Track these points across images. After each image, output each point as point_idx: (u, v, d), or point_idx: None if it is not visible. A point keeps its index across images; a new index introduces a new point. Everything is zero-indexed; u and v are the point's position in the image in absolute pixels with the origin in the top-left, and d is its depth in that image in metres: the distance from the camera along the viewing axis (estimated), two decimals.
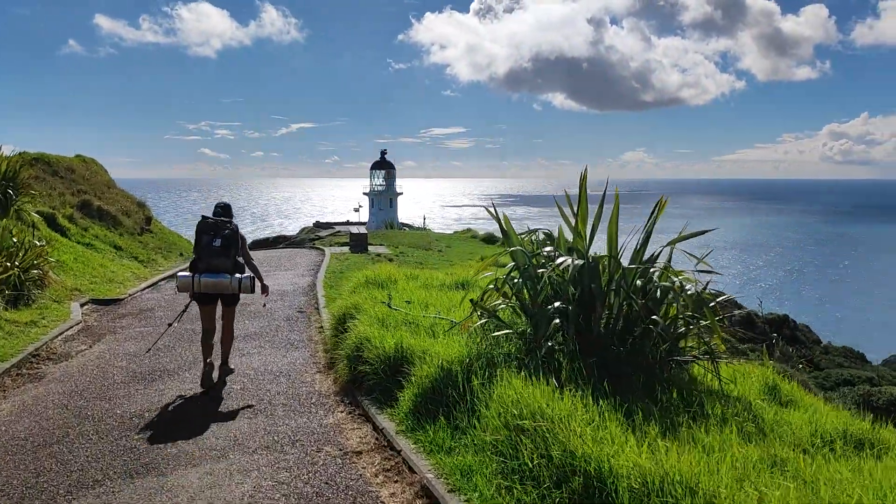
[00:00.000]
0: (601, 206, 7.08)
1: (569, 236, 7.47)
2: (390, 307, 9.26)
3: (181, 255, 22.73)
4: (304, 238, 34.83)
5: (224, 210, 8.59)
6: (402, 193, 67.91)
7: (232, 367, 8.96)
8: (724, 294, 7.32)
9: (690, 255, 7.21)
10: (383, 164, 67.16)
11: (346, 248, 25.71)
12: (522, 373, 6.08)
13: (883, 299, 74.71)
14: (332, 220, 69.36)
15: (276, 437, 6.61)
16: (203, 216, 8.51)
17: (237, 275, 8.33)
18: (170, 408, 7.58)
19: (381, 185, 66.70)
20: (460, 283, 12.15)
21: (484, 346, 6.87)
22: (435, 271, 15.20)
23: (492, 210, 7.86)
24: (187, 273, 8.38)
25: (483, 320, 7.19)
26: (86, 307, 13.32)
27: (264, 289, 9.11)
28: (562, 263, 6.61)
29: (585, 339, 6.51)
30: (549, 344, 6.41)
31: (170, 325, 10.02)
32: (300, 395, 7.95)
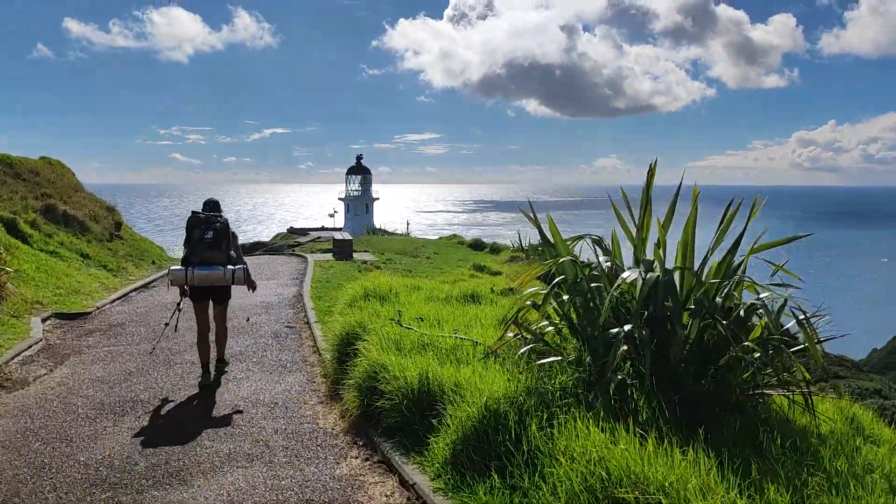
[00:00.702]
0: (672, 208, 5.89)
1: (623, 243, 6.29)
2: (401, 325, 8.00)
3: (153, 262, 21.25)
4: (282, 244, 33.37)
5: (213, 206, 8.74)
6: (378, 199, 66.73)
7: (227, 360, 9.16)
8: (809, 313, 6.13)
9: (769, 262, 6.03)
10: (359, 169, 65.96)
11: (329, 255, 24.35)
12: (589, 414, 4.88)
13: (853, 303, 74.82)
14: (307, 226, 67.89)
15: (280, 496, 5.31)
16: (193, 212, 8.56)
17: (230, 266, 8.38)
18: (145, 452, 6.25)
19: (356, 190, 65.48)
20: (469, 296, 10.91)
21: (532, 379, 5.63)
22: (440, 283, 13.96)
23: (530, 214, 6.64)
24: (180, 267, 8.36)
25: (528, 346, 5.94)
26: (48, 322, 11.93)
27: (251, 284, 8.82)
28: (628, 277, 5.41)
29: (659, 370, 5.32)
30: (619, 377, 5.19)
31: (166, 325, 9.88)
32: (302, 435, 6.67)
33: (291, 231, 57.88)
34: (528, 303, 6.50)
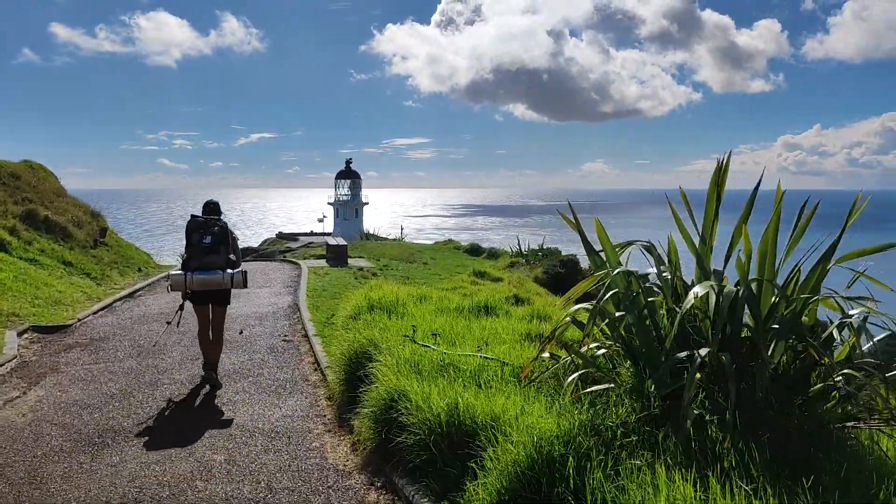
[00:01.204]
0: (748, 210, 5.05)
1: (679, 250, 5.45)
2: (416, 342, 7.12)
3: (139, 270, 20.31)
4: (273, 250, 32.42)
5: (213, 208, 8.73)
6: (367, 203, 65.82)
7: (220, 381, 8.59)
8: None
9: (852, 270, 5.19)
10: (349, 174, 65.06)
11: (322, 261, 23.47)
12: (663, 458, 4.03)
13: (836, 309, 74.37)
14: (296, 231, 66.94)
15: None
16: (192, 215, 8.54)
17: (229, 270, 8.36)
18: (126, 496, 5.34)
19: (346, 194, 64.58)
20: (482, 307, 10.04)
21: (586, 413, 4.75)
22: (448, 292, 13.11)
23: (570, 217, 5.79)
24: (180, 271, 8.36)
25: (579, 372, 5.06)
26: (24, 336, 11.01)
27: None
28: (699, 291, 4.56)
29: (738, 401, 4.47)
30: (696, 411, 4.34)
31: (168, 323, 9.90)
32: (310, 474, 5.77)
33: (280, 236, 56.96)
34: (568, 320, 5.64)
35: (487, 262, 25.94)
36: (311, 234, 60.39)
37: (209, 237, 8.26)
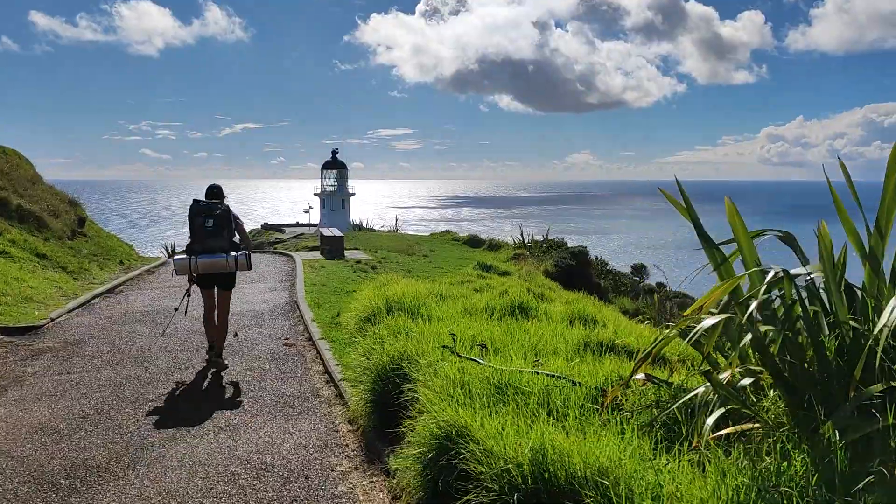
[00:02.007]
0: None
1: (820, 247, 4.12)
2: (458, 355, 5.75)
3: (121, 263, 18.81)
4: (262, 241, 30.97)
5: (216, 192, 8.75)
6: (354, 194, 64.43)
7: (226, 363, 8.58)
8: None
9: None
10: (335, 164, 63.62)
11: (316, 253, 22.05)
12: None
13: None
14: (281, 222, 65.47)
15: None
16: (195, 200, 8.54)
17: (233, 252, 8.38)
18: None
19: (332, 185, 63.17)
20: (516, 307, 8.71)
21: (749, 470, 3.38)
22: (467, 289, 11.77)
23: (680, 202, 4.45)
24: (184, 256, 8.38)
25: (722, 409, 3.68)
26: None
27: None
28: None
29: None
30: None
31: (175, 310, 9.76)
32: None
33: (266, 227, 55.47)
34: (671, 333, 4.28)
35: (489, 254, 24.59)
36: (298, 224, 59.04)
37: (211, 220, 8.28)
